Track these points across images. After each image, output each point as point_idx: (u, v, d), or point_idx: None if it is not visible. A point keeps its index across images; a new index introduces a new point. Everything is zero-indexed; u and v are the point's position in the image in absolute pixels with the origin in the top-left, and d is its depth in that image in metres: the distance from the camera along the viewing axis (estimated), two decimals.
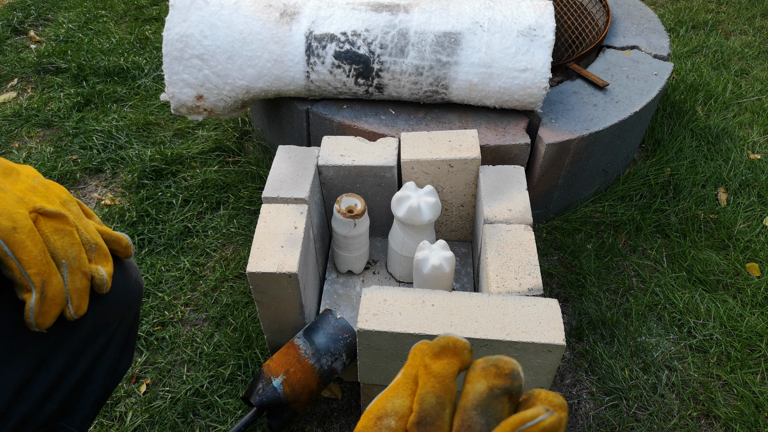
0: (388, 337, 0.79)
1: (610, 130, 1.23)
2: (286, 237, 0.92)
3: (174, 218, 1.37)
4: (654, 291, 1.22)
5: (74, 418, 0.61)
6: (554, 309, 0.80)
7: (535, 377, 0.82)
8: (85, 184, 1.50)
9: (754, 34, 2.13)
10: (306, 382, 0.89)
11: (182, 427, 1.00)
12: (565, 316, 1.18)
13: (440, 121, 1.21)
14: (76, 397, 0.60)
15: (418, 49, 1.12)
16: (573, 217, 1.37)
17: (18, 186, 0.46)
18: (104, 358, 0.63)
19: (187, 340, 1.13)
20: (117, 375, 0.67)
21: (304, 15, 1.15)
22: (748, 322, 1.16)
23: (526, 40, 1.11)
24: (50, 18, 2.20)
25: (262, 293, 0.92)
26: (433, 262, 0.92)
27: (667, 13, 2.25)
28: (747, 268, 1.27)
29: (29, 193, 0.47)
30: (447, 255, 0.93)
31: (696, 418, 1.03)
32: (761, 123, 1.67)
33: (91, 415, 0.64)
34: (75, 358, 0.58)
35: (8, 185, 0.45)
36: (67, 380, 0.58)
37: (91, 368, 0.61)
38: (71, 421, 0.61)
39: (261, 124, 1.52)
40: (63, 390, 0.58)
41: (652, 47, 1.48)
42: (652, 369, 1.09)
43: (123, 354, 0.67)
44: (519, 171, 1.05)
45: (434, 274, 0.93)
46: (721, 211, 1.39)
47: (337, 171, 1.06)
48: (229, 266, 1.27)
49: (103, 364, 0.63)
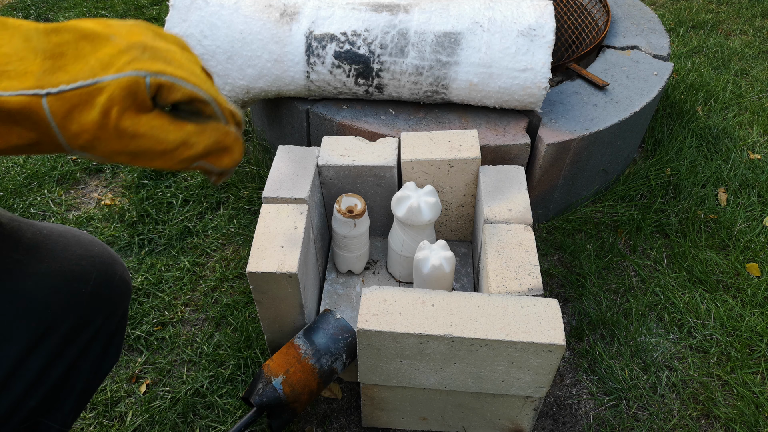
0: (388, 337, 0.79)
1: (610, 130, 1.23)
2: (286, 237, 0.92)
3: (174, 218, 1.37)
4: (654, 291, 1.22)
5: (56, 414, 0.61)
6: (554, 309, 0.80)
7: (535, 377, 0.82)
8: (85, 184, 1.50)
9: (754, 34, 2.13)
10: (306, 382, 0.89)
11: (182, 427, 1.00)
12: (565, 316, 1.18)
13: (440, 121, 1.21)
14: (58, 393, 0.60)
15: (418, 49, 1.12)
16: (573, 217, 1.37)
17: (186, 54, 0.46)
18: (87, 356, 0.62)
19: (187, 340, 1.13)
20: (101, 372, 0.66)
21: (304, 15, 1.15)
22: (748, 322, 1.16)
23: (526, 40, 1.11)
24: (50, 18, 2.20)
25: (262, 293, 0.92)
26: (433, 262, 0.92)
27: (667, 13, 2.25)
28: (747, 268, 1.27)
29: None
30: (447, 255, 0.93)
31: (696, 418, 1.03)
32: (761, 123, 1.67)
33: (74, 412, 0.63)
34: (56, 354, 0.58)
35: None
36: (49, 377, 0.58)
37: (74, 365, 0.61)
38: (53, 418, 0.61)
39: (261, 124, 1.52)
40: (44, 387, 0.57)
41: (652, 47, 1.48)
42: (652, 369, 1.09)
43: (108, 351, 0.66)
44: (519, 171, 1.05)
45: (434, 274, 0.93)
46: (721, 211, 1.39)
47: (337, 171, 1.06)
48: (229, 266, 1.27)
49: (87, 362, 0.62)
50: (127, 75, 0.39)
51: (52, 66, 0.39)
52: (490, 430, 0.96)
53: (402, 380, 0.87)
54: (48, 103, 0.38)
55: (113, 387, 1.06)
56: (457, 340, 0.77)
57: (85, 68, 0.39)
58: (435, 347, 0.79)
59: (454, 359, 0.81)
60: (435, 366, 0.83)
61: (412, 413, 0.96)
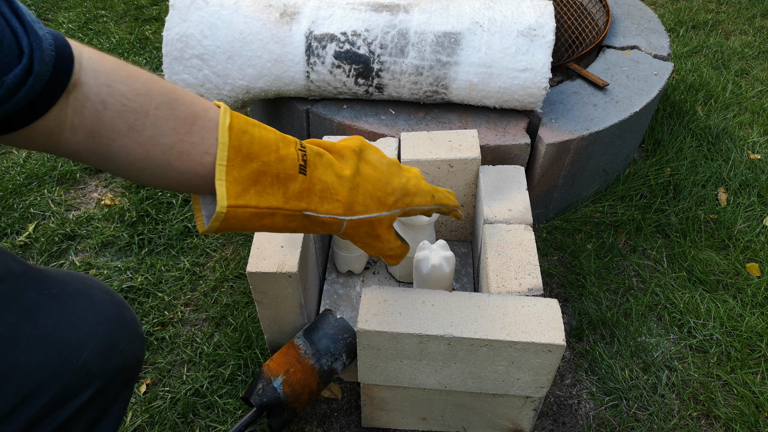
0: (388, 337, 0.79)
1: (610, 130, 1.23)
2: (286, 237, 0.92)
3: (174, 218, 1.37)
4: (654, 291, 1.22)
5: None
6: (554, 309, 0.80)
7: (535, 377, 0.82)
8: (85, 184, 1.50)
9: (754, 34, 2.13)
10: (306, 382, 0.89)
11: (182, 428, 1.00)
12: (565, 316, 1.18)
13: (440, 121, 1.21)
14: None
15: (418, 49, 1.12)
16: (573, 217, 1.37)
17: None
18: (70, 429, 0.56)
19: (187, 340, 1.13)
20: None
21: (304, 15, 1.15)
22: (748, 322, 1.16)
23: (526, 40, 1.11)
24: (50, 18, 2.20)
25: (262, 293, 0.92)
26: (434, 262, 0.92)
27: (667, 13, 2.25)
28: (747, 268, 1.27)
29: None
30: (447, 255, 0.93)
31: (696, 418, 1.03)
32: (761, 123, 1.67)
33: None
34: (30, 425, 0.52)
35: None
36: None
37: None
38: None
39: None
40: None
41: (652, 47, 1.48)
42: (652, 369, 1.09)
43: (98, 425, 0.60)
44: (519, 171, 1.05)
45: (434, 274, 0.93)
46: (721, 211, 1.39)
47: None
48: (229, 266, 1.27)
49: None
50: (392, 213, 0.65)
51: (353, 200, 0.60)
52: (490, 430, 0.96)
53: (402, 380, 0.87)
54: (346, 224, 0.61)
55: None
56: (457, 340, 0.77)
57: (371, 205, 0.62)
58: (435, 347, 0.79)
59: (454, 359, 0.81)
60: (435, 366, 0.83)
61: (412, 413, 0.96)
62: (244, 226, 0.54)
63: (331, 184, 0.58)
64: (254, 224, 0.54)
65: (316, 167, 0.57)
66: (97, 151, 0.47)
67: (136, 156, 0.48)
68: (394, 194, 0.64)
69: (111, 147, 0.47)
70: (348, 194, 0.60)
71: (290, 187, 0.55)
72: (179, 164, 0.50)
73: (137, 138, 0.47)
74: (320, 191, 0.57)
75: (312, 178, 0.57)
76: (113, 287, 1.21)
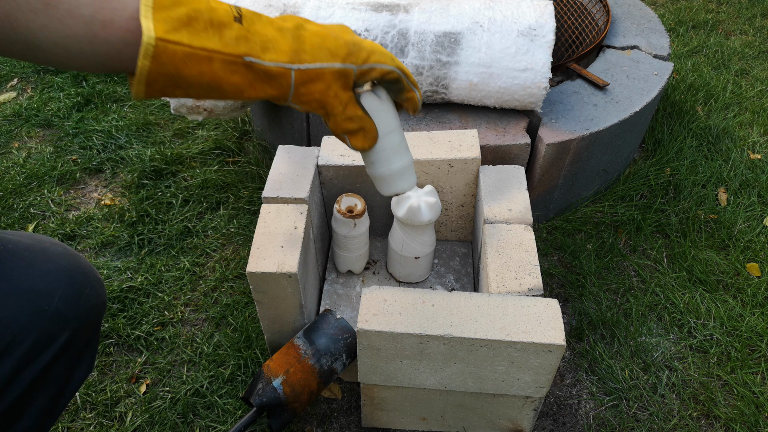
0: (388, 337, 0.79)
1: (610, 130, 1.23)
2: (286, 237, 0.92)
3: (174, 218, 1.37)
4: (654, 291, 1.22)
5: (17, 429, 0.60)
6: (554, 309, 0.80)
7: (535, 377, 0.82)
8: (85, 184, 1.50)
9: (754, 34, 2.13)
10: (306, 382, 0.89)
11: (182, 428, 1.00)
12: (565, 316, 1.18)
13: (440, 121, 1.21)
14: (21, 411, 0.59)
15: (418, 48, 1.12)
16: (573, 217, 1.37)
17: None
18: (51, 373, 0.60)
19: (187, 340, 1.13)
20: (70, 388, 0.65)
21: (304, 15, 1.15)
22: (749, 322, 1.16)
23: (526, 40, 1.11)
24: None
25: (262, 293, 0.92)
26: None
27: (667, 13, 2.25)
28: (747, 268, 1.27)
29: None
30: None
31: (696, 419, 1.03)
32: (761, 123, 1.67)
33: (39, 428, 0.62)
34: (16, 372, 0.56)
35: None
36: (8, 395, 0.56)
37: (36, 383, 0.59)
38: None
39: (261, 124, 1.52)
40: (3, 404, 0.56)
41: (652, 47, 1.48)
42: (653, 369, 1.09)
43: (75, 369, 0.65)
44: (519, 171, 1.05)
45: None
46: (722, 211, 1.39)
47: (337, 171, 1.06)
48: (229, 266, 1.27)
49: (51, 379, 0.61)
50: (346, 66, 0.57)
51: (298, 48, 0.54)
52: (490, 430, 0.96)
53: (402, 380, 0.87)
54: (295, 74, 0.54)
55: (113, 387, 1.06)
56: (457, 340, 0.77)
57: (320, 55, 0.55)
58: (435, 347, 0.79)
59: (454, 359, 0.81)
60: (435, 366, 0.83)
61: (412, 413, 0.96)
62: (179, 73, 0.49)
63: (272, 36, 0.53)
64: (191, 71, 0.49)
65: (253, 22, 0.53)
66: (18, 38, 0.45)
67: (58, 33, 0.46)
68: (346, 46, 0.57)
69: (31, 28, 0.45)
70: (292, 43, 0.54)
71: (226, 33, 0.50)
72: (105, 34, 0.47)
73: (55, 14, 0.45)
74: (261, 42, 0.52)
75: (250, 30, 0.52)
76: (113, 287, 1.21)
